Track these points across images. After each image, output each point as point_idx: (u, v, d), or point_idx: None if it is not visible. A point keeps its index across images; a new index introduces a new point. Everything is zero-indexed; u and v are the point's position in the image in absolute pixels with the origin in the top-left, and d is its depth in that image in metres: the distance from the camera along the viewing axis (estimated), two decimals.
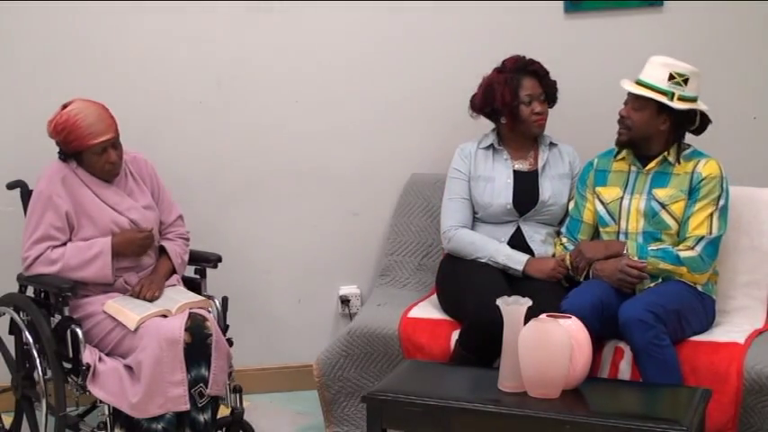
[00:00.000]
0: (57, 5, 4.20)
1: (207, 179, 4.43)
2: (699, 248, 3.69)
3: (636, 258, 3.69)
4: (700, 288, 3.74)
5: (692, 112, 3.72)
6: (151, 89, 4.32)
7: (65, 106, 3.71)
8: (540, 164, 4.05)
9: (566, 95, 4.10)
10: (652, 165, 3.79)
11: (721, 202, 3.73)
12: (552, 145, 4.09)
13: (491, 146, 4.07)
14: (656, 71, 3.69)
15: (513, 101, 3.95)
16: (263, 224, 4.50)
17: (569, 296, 3.66)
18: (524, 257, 3.92)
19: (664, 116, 3.72)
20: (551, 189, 4.02)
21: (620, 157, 3.87)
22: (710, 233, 3.70)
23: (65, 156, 3.75)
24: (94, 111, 3.71)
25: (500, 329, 3.28)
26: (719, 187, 3.73)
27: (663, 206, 3.74)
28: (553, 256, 3.96)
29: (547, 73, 4.02)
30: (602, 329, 3.57)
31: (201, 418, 3.60)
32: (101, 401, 3.60)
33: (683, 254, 3.68)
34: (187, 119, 4.39)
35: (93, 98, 3.76)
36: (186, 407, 3.54)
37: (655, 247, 3.71)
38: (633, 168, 3.83)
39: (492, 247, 3.95)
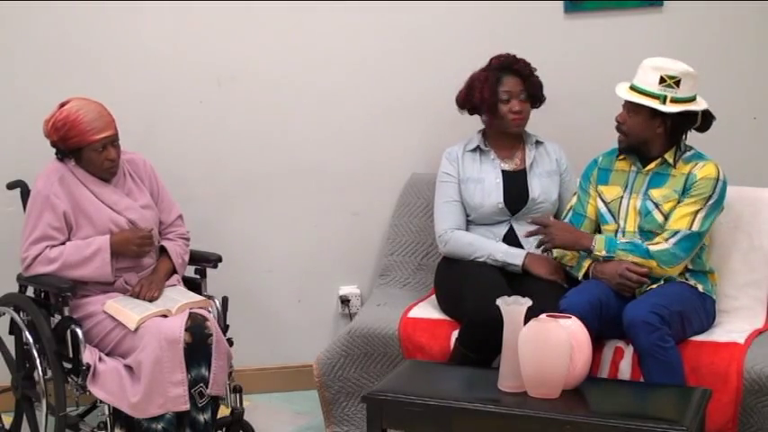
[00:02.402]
0: (56, 5, 4.20)
1: (207, 179, 4.43)
2: (672, 241, 3.66)
3: (603, 253, 3.69)
4: (701, 289, 3.74)
5: (690, 113, 3.71)
6: (151, 89, 4.32)
7: (62, 105, 3.72)
8: (528, 162, 4.06)
9: (565, 95, 4.11)
10: (651, 166, 3.79)
11: (710, 202, 3.70)
12: (538, 143, 4.11)
13: (477, 148, 4.08)
14: (647, 75, 3.68)
15: (491, 98, 3.98)
16: (263, 224, 4.50)
17: (568, 295, 3.66)
18: (523, 252, 3.93)
19: (658, 120, 3.71)
20: (540, 187, 4.03)
21: (622, 156, 3.87)
22: (690, 228, 3.68)
23: (62, 155, 3.75)
24: (94, 108, 3.71)
25: (500, 326, 3.28)
26: (712, 188, 3.70)
27: (656, 205, 3.74)
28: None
29: (531, 73, 4.02)
30: (601, 329, 3.57)
31: (201, 418, 3.60)
32: (101, 401, 3.60)
33: (652, 248, 3.67)
34: (187, 119, 4.39)
35: (93, 98, 3.76)
36: (186, 407, 3.54)
37: (624, 241, 3.71)
38: (633, 168, 3.83)
39: (490, 245, 3.96)
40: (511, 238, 4.00)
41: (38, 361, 3.68)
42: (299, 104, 4.44)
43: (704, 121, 3.77)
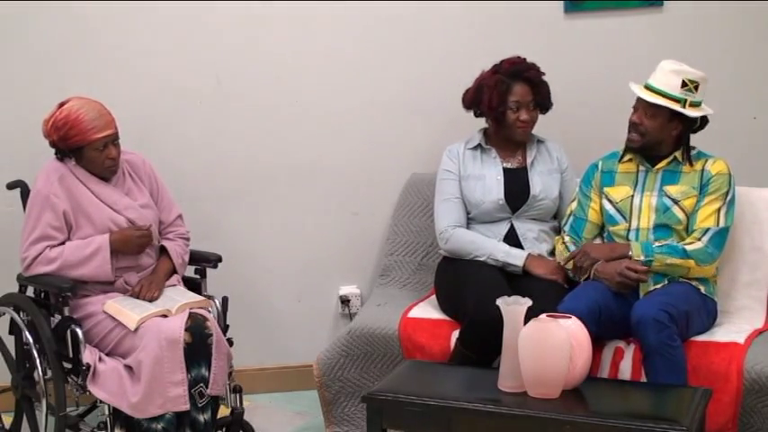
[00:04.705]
0: (56, 5, 4.20)
1: (207, 179, 4.44)
2: (705, 239, 3.71)
3: (642, 258, 3.70)
4: (702, 290, 3.74)
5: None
6: (151, 89, 4.32)
7: (62, 104, 3.71)
8: (529, 160, 4.07)
9: (565, 95, 4.10)
10: (662, 164, 3.81)
11: (728, 198, 3.76)
12: (539, 142, 4.11)
13: (479, 145, 4.08)
14: (669, 78, 3.70)
15: (499, 106, 3.97)
16: (263, 224, 4.50)
17: (566, 300, 3.64)
18: (524, 253, 3.93)
19: (676, 122, 3.74)
20: (541, 184, 4.04)
21: (626, 159, 3.87)
22: (717, 225, 3.72)
23: (62, 154, 3.75)
24: (94, 107, 3.71)
25: (500, 326, 3.28)
26: (728, 183, 3.77)
27: (675, 202, 3.77)
28: (551, 254, 3.97)
29: (541, 80, 4.01)
30: (600, 332, 3.56)
31: (201, 418, 3.60)
32: (101, 401, 3.60)
33: (689, 247, 3.70)
34: (187, 118, 4.39)
35: (93, 98, 3.76)
36: (186, 407, 3.54)
37: (660, 244, 3.72)
38: (642, 168, 3.84)
39: (491, 245, 3.96)
40: (512, 238, 4.00)
41: (38, 361, 3.68)
42: (299, 104, 4.44)
43: (701, 122, 3.82)
